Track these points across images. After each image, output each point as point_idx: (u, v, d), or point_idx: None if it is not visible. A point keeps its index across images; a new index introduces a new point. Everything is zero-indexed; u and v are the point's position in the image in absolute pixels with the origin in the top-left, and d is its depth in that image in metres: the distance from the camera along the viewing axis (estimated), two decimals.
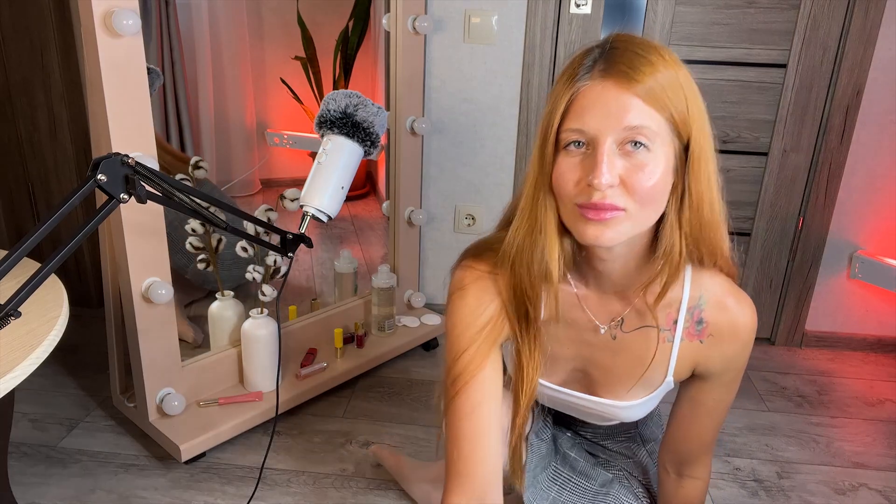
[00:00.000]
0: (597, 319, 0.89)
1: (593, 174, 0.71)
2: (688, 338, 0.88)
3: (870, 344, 2.27)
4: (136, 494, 1.50)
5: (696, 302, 0.86)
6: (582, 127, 0.73)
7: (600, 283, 0.87)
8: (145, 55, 1.35)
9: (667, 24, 2.03)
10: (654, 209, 0.76)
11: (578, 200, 0.74)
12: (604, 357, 0.92)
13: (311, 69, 3.40)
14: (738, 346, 0.88)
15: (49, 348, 0.94)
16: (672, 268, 0.80)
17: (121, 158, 0.91)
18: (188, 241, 1.65)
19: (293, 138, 3.63)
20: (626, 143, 0.72)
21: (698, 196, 0.77)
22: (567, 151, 0.75)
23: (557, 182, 0.76)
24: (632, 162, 0.73)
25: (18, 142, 2.14)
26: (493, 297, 0.88)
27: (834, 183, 2.11)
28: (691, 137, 0.75)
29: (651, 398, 0.94)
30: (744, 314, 0.87)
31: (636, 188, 0.73)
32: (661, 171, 0.74)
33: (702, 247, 0.81)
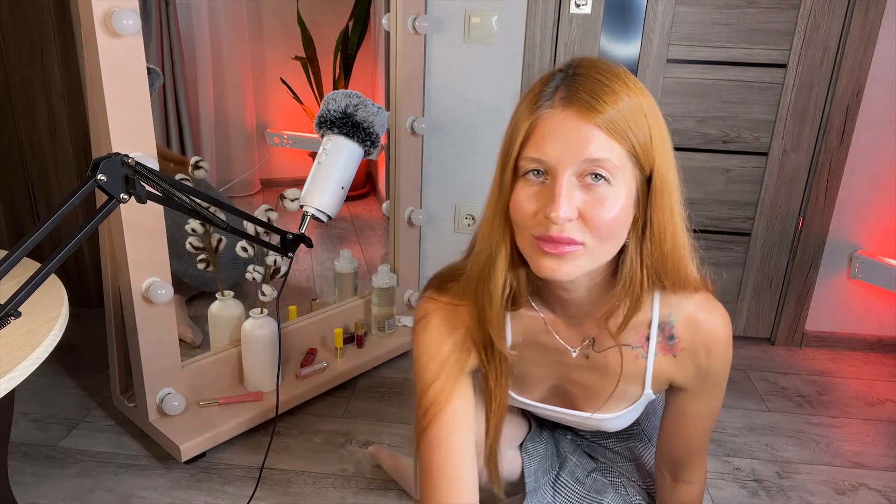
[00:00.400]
0: (567, 343, 0.88)
1: (551, 207, 0.69)
2: (661, 352, 0.87)
3: (870, 344, 2.27)
4: (136, 494, 1.50)
5: (667, 318, 0.86)
6: (541, 157, 0.71)
7: (566, 309, 0.86)
8: (145, 55, 1.35)
9: (667, 24, 2.03)
10: (614, 243, 0.75)
11: (535, 232, 0.72)
12: (580, 375, 0.91)
13: (311, 69, 3.40)
14: (714, 359, 0.87)
15: (49, 348, 0.94)
16: (633, 300, 0.78)
17: (121, 158, 0.91)
18: (188, 241, 1.65)
19: (293, 138, 3.63)
20: (587, 176, 0.70)
21: (660, 229, 0.75)
22: (526, 180, 0.73)
23: (514, 211, 0.74)
24: (591, 195, 0.70)
25: (18, 142, 2.14)
26: (456, 326, 0.87)
27: (834, 183, 2.11)
28: (654, 168, 0.74)
29: (632, 409, 0.94)
30: (716, 328, 0.85)
31: (595, 223, 0.71)
32: (621, 204, 0.72)
33: (665, 279, 0.80)
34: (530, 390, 0.97)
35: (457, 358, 0.87)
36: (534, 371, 0.93)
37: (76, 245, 0.85)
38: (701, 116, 2.11)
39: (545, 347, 0.90)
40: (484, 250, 0.81)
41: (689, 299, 0.84)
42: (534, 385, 0.95)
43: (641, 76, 2.08)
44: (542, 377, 0.94)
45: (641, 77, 2.08)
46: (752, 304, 2.30)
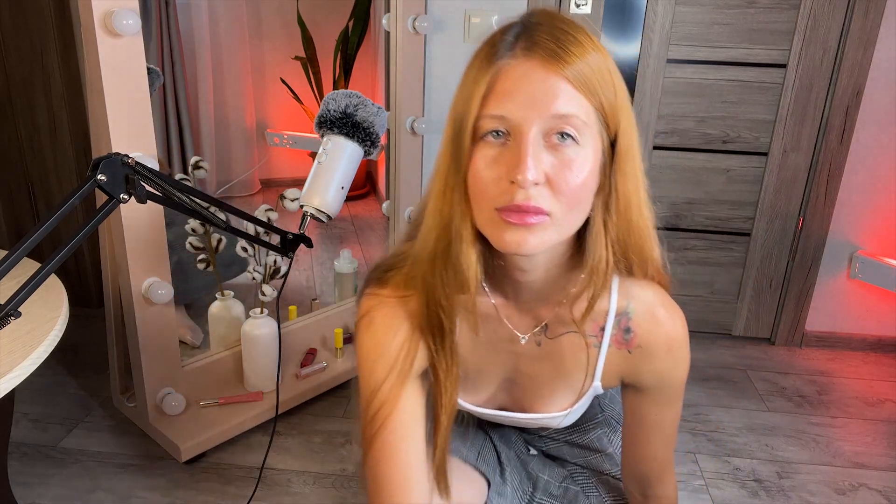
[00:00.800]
0: (517, 330, 0.82)
1: (517, 169, 0.62)
2: (615, 345, 0.81)
3: (870, 344, 2.27)
4: (136, 494, 1.50)
5: (624, 310, 0.79)
6: (504, 114, 0.63)
7: (519, 293, 0.79)
8: (145, 55, 1.35)
9: (667, 24, 2.03)
10: (580, 212, 0.68)
11: (498, 203, 0.65)
12: (529, 366, 0.84)
13: (311, 69, 3.40)
14: (671, 361, 0.80)
15: (49, 348, 0.94)
16: (599, 280, 0.72)
17: (121, 158, 0.91)
18: (188, 240, 1.65)
19: (293, 138, 3.64)
20: (553, 135, 0.63)
21: (626, 198, 0.70)
22: (485, 143, 0.65)
23: (474, 181, 0.66)
24: (559, 157, 0.64)
25: (18, 142, 2.14)
26: (401, 321, 0.79)
27: (834, 183, 2.11)
28: (619, 131, 0.68)
29: (580, 404, 0.87)
30: (675, 327, 0.79)
31: (563, 188, 0.64)
32: (589, 167, 0.65)
33: (631, 255, 0.74)
34: (479, 389, 0.89)
35: (405, 356, 0.80)
36: (482, 366, 0.86)
37: (76, 245, 0.85)
38: (701, 116, 2.11)
39: (494, 336, 0.83)
40: (435, 229, 0.72)
41: (648, 289, 0.78)
42: (483, 382, 0.88)
43: (641, 76, 2.08)
44: (491, 372, 0.86)
45: (641, 77, 2.08)
46: (752, 304, 2.30)
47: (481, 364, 0.85)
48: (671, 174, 2.19)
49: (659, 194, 2.20)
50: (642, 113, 2.12)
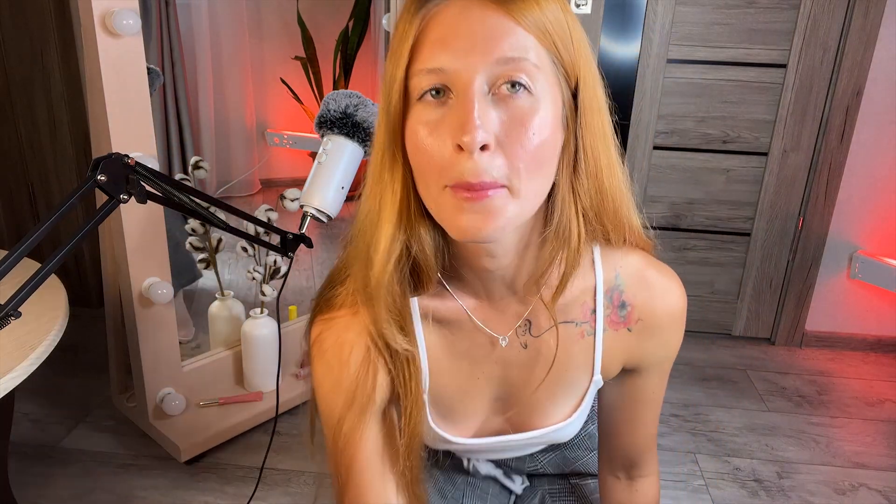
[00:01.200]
0: (495, 331, 0.69)
1: (462, 129, 0.51)
2: (612, 327, 0.70)
3: (870, 344, 2.27)
4: (136, 494, 1.50)
5: (613, 283, 0.69)
6: (440, 65, 0.53)
7: (491, 288, 0.67)
8: (145, 55, 1.35)
9: (667, 24, 2.03)
10: (543, 178, 0.57)
11: (448, 178, 0.53)
12: (519, 374, 0.72)
13: (311, 69, 3.40)
14: (676, 328, 0.71)
15: (49, 348, 0.94)
16: (570, 254, 0.61)
17: (121, 158, 0.91)
18: (188, 240, 1.65)
19: (293, 138, 3.64)
20: (502, 85, 0.53)
21: (594, 156, 0.60)
22: (423, 104, 0.55)
23: (415, 152, 0.56)
24: (510, 111, 0.53)
25: (18, 142, 2.14)
26: (354, 341, 0.66)
27: (834, 183, 2.11)
28: (580, 78, 0.58)
29: (583, 407, 0.75)
30: (672, 289, 0.70)
31: (519, 150, 0.53)
32: (548, 120, 0.55)
33: (606, 221, 0.64)
34: (468, 416, 0.74)
35: (363, 384, 0.67)
36: (466, 384, 0.72)
37: (76, 245, 0.85)
38: (701, 116, 2.11)
39: (472, 346, 0.70)
40: (365, 210, 0.61)
41: (632, 254, 0.69)
42: (471, 407, 0.74)
43: (641, 76, 2.08)
44: (478, 391, 0.73)
45: (641, 77, 2.08)
46: (752, 304, 2.30)
47: (464, 385, 0.72)
48: (671, 174, 2.19)
49: (659, 194, 2.20)
50: (642, 113, 2.12)
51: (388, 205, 0.59)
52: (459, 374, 0.71)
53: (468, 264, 0.65)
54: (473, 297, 0.68)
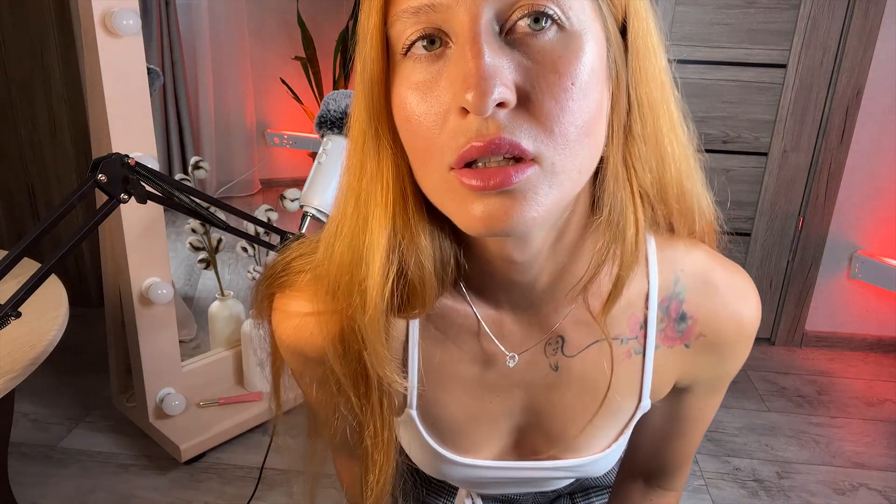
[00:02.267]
0: (517, 348, 0.54)
1: (464, 85, 0.36)
2: (666, 343, 0.55)
3: (870, 344, 2.27)
4: (136, 494, 1.50)
5: (671, 290, 0.53)
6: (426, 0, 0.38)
7: (514, 296, 0.51)
8: (145, 55, 1.35)
9: (667, 24, 2.03)
10: (591, 148, 0.41)
11: (449, 155, 0.39)
12: (547, 400, 0.56)
13: (311, 69, 3.40)
14: (744, 343, 0.56)
15: (49, 348, 0.94)
16: (627, 250, 0.46)
17: (121, 159, 0.91)
18: (188, 240, 1.65)
19: (293, 138, 3.64)
20: (521, 19, 0.38)
21: (654, 114, 0.45)
22: (410, 61, 0.40)
23: (405, 126, 0.41)
24: (536, 55, 0.38)
25: (18, 142, 2.14)
26: (317, 349, 0.53)
27: (834, 183, 2.11)
28: (629, 8, 0.43)
29: (624, 437, 0.60)
30: (745, 297, 0.54)
31: (553, 106, 0.38)
32: (594, 67, 0.39)
33: (671, 202, 0.50)
34: (478, 446, 0.59)
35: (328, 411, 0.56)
36: (475, 408, 0.57)
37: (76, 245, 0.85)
38: (701, 116, 2.11)
39: (485, 366, 0.55)
40: (350, 219, 0.47)
41: (696, 251, 0.54)
42: (481, 436, 0.59)
43: None
44: (491, 417, 0.57)
45: None
46: None
47: (472, 410, 0.57)
48: None
49: None
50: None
51: (378, 206, 0.45)
52: (464, 397, 0.56)
53: (486, 267, 0.49)
54: (493, 306, 0.53)
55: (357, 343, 0.49)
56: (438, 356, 0.54)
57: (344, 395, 0.53)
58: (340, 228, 0.48)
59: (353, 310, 0.48)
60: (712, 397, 0.62)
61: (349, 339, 0.50)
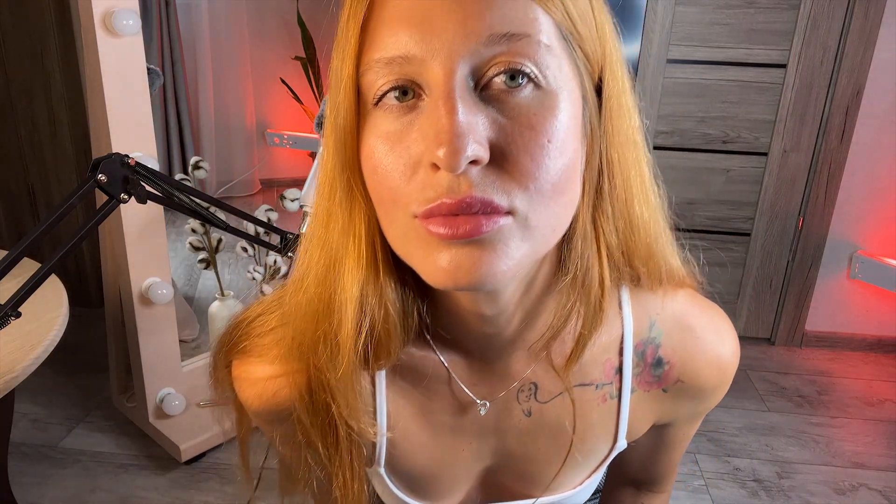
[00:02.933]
0: (487, 395, 0.53)
1: (437, 138, 0.36)
2: (642, 387, 0.55)
3: (870, 344, 2.27)
4: (136, 494, 1.50)
5: (646, 335, 0.53)
6: (402, 51, 0.37)
7: (484, 345, 0.51)
8: (145, 55, 1.35)
9: (667, 25, 2.03)
10: (565, 205, 0.41)
11: (417, 205, 0.38)
12: (518, 445, 0.56)
13: (311, 69, 3.40)
14: (724, 386, 0.56)
15: (49, 348, 0.94)
16: (590, 311, 0.46)
17: (121, 159, 0.91)
18: (188, 241, 1.65)
19: (293, 138, 3.64)
20: (497, 76, 0.37)
21: (624, 175, 0.45)
22: (382, 111, 0.39)
23: (372, 176, 0.40)
24: (512, 112, 0.38)
25: (18, 142, 2.14)
26: (285, 407, 0.52)
27: (834, 183, 2.11)
28: (605, 70, 0.43)
29: (599, 474, 0.60)
30: (722, 340, 0.55)
31: (529, 163, 0.37)
32: (569, 126, 0.39)
33: (637, 263, 0.49)
34: (444, 492, 0.59)
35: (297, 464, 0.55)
36: (443, 456, 0.56)
37: (76, 245, 0.85)
38: (701, 116, 2.11)
39: (454, 414, 0.54)
40: (317, 264, 0.46)
41: (672, 295, 0.54)
42: (448, 482, 0.58)
43: (641, 76, 2.08)
44: (460, 463, 0.57)
45: (641, 77, 2.08)
46: (752, 304, 2.30)
47: (443, 458, 0.56)
48: (671, 174, 2.19)
49: None
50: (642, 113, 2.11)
51: (349, 258, 0.43)
52: (436, 447, 0.55)
53: (455, 318, 0.48)
54: (463, 354, 0.52)
55: (325, 395, 0.48)
56: (407, 407, 0.53)
57: (312, 447, 0.52)
58: (307, 276, 0.47)
59: (321, 362, 0.47)
60: (695, 424, 0.63)
61: (317, 391, 0.49)
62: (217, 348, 0.56)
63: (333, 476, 0.52)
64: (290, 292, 0.49)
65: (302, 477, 0.55)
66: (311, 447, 0.51)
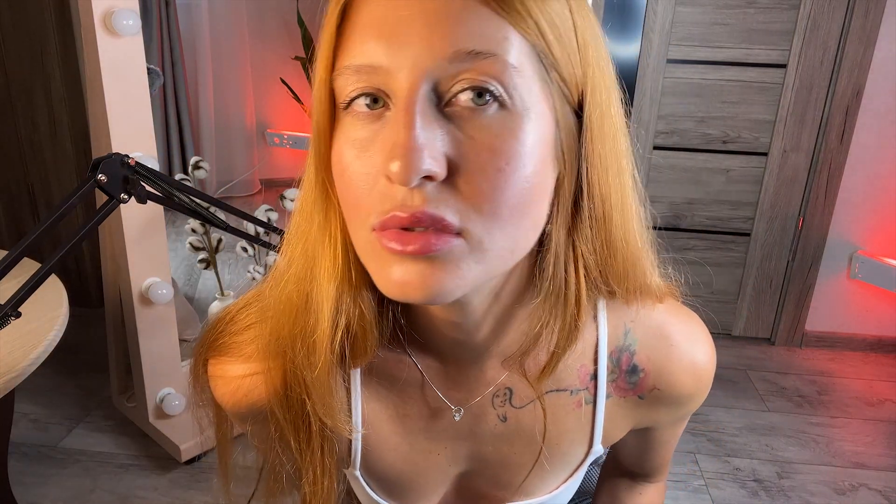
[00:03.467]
0: (462, 401, 0.54)
1: (391, 153, 0.36)
2: (618, 393, 0.55)
3: (870, 344, 2.27)
4: (136, 494, 1.50)
5: (621, 342, 0.53)
6: (369, 59, 0.38)
7: (460, 352, 0.51)
8: (145, 55, 1.35)
9: (667, 25, 2.03)
10: (524, 230, 0.41)
11: (374, 217, 0.39)
12: (494, 450, 0.56)
13: (311, 69, 3.40)
14: (700, 389, 0.56)
15: (49, 348, 0.94)
16: (564, 328, 0.47)
17: (121, 159, 0.91)
18: (188, 241, 1.65)
19: (293, 138, 3.64)
20: (461, 92, 0.37)
21: (603, 198, 0.44)
22: (351, 117, 0.40)
23: (339, 181, 0.41)
24: (472, 131, 0.37)
25: (18, 142, 2.14)
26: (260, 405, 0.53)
27: (834, 183, 2.11)
28: (587, 93, 0.42)
29: (574, 479, 0.60)
30: (698, 349, 0.55)
31: (483, 184, 0.37)
32: (533, 150, 0.39)
33: (613, 282, 0.49)
34: (419, 496, 0.59)
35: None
36: (417, 459, 0.56)
37: (76, 245, 0.85)
38: (701, 116, 2.11)
39: (429, 419, 0.54)
40: (297, 261, 0.47)
41: (650, 308, 0.54)
42: (423, 487, 0.58)
43: (641, 76, 2.08)
44: (434, 468, 0.57)
45: (641, 77, 2.08)
46: (752, 304, 2.30)
47: (417, 462, 0.56)
48: (671, 174, 2.19)
49: (659, 194, 2.20)
50: (642, 113, 2.12)
51: (325, 258, 0.44)
52: (410, 451, 0.56)
53: (429, 324, 0.49)
54: (438, 359, 0.52)
55: (300, 391, 0.49)
56: (382, 409, 0.54)
57: (284, 442, 0.52)
58: (287, 271, 0.47)
59: (297, 359, 0.47)
60: (678, 426, 0.63)
61: (292, 387, 0.49)
62: (197, 346, 0.57)
63: (304, 472, 0.53)
64: (270, 286, 0.49)
65: (281, 477, 0.57)
66: (283, 442, 0.52)
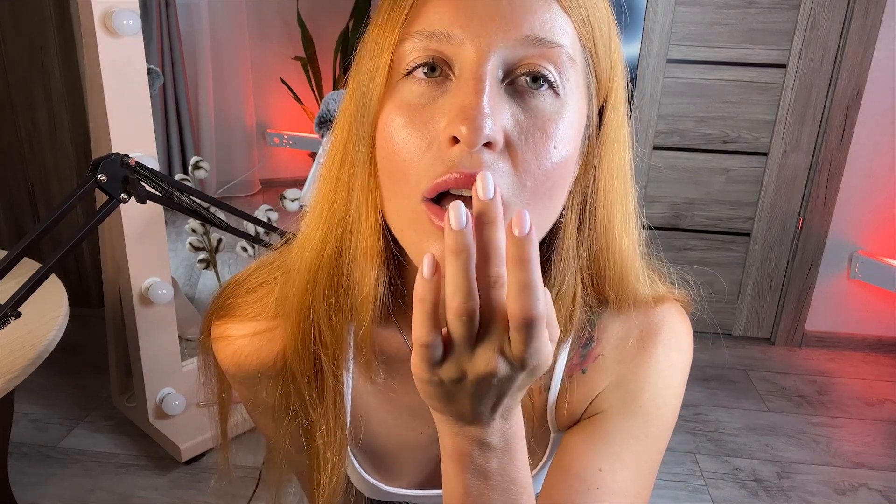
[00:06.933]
0: None
1: (460, 115, 0.38)
2: (567, 372, 0.54)
3: (870, 344, 2.27)
4: (136, 494, 1.50)
5: (584, 324, 0.53)
6: (445, 28, 0.39)
7: None
8: (145, 55, 1.35)
9: (667, 25, 2.03)
10: (551, 210, 0.43)
11: (425, 182, 0.40)
12: None
13: (311, 69, 3.40)
14: (650, 354, 0.53)
15: (49, 348, 0.94)
16: (560, 318, 0.48)
17: (121, 159, 0.91)
18: (188, 241, 1.65)
19: (293, 138, 3.64)
20: (522, 75, 0.40)
21: (608, 202, 0.46)
22: (409, 82, 0.41)
23: (386, 146, 0.41)
24: (528, 112, 0.40)
25: (18, 142, 2.14)
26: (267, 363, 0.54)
27: (834, 183, 2.11)
28: (610, 97, 0.45)
29: (544, 462, 0.59)
30: (664, 313, 0.55)
31: (532, 161, 0.40)
32: (573, 137, 0.42)
33: (607, 289, 0.50)
34: (403, 472, 0.60)
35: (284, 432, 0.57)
36: (402, 435, 0.58)
37: (76, 245, 0.85)
38: (701, 116, 2.11)
39: (416, 397, 0.51)
40: (323, 226, 0.48)
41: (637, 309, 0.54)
42: (406, 462, 0.59)
43: (641, 76, 2.08)
44: (418, 444, 0.58)
45: (641, 77, 2.08)
46: (752, 304, 2.30)
47: (403, 438, 0.58)
48: (671, 174, 2.19)
49: (659, 194, 2.20)
50: (642, 113, 2.12)
51: (365, 233, 0.44)
52: (396, 426, 0.57)
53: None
54: None
55: (316, 344, 0.50)
56: (371, 383, 0.55)
57: (298, 395, 0.53)
58: (315, 235, 0.48)
59: (335, 313, 0.48)
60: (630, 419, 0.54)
61: (308, 339, 0.50)
62: (206, 314, 0.59)
63: (317, 424, 0.54)
64: (297, 248, 0.50)
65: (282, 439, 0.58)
66: (297, 394, 0.53)
